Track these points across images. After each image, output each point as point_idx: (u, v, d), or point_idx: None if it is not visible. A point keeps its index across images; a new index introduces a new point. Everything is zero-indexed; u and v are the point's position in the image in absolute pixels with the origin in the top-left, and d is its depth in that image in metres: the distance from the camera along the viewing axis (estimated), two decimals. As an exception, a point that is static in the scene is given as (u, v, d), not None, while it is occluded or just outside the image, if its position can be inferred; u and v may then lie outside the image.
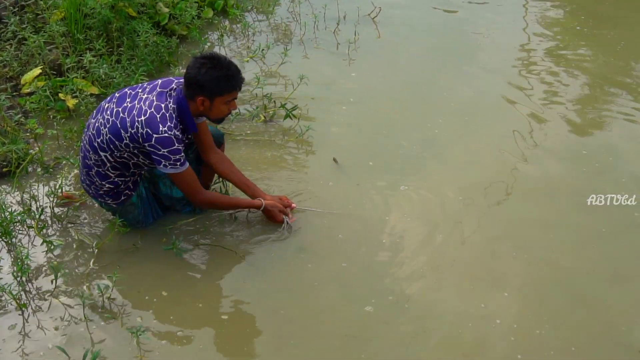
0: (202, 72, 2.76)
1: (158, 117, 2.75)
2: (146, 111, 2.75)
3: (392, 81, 4.68)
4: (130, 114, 2.77)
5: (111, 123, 2.81)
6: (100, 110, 2.90)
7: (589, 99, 4.52)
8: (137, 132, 2.75)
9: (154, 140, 2.74)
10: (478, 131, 4.11)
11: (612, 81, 4.73)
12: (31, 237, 3.18)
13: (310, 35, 5.23)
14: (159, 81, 2.89)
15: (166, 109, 2.77)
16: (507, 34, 5.43)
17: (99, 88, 4.12)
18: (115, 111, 2.82)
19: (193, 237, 3.21)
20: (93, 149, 2.89)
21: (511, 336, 2.76)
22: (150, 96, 2.80)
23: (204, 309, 2.87)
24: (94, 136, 2.87)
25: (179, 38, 4.85)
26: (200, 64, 2.77)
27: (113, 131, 2.80)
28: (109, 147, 2.84)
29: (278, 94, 4.34)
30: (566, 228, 3.35)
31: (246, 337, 2.77)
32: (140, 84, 2.92)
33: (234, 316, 2.85)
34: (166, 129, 2.74)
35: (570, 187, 3.64)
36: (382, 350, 2.69)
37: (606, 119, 4.30)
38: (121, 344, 2.67)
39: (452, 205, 3.47)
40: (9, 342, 2.66)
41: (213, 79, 2.76)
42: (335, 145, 3.91)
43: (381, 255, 3.17)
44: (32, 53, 4.21)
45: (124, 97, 2.86)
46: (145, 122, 2.74)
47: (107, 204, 3.05)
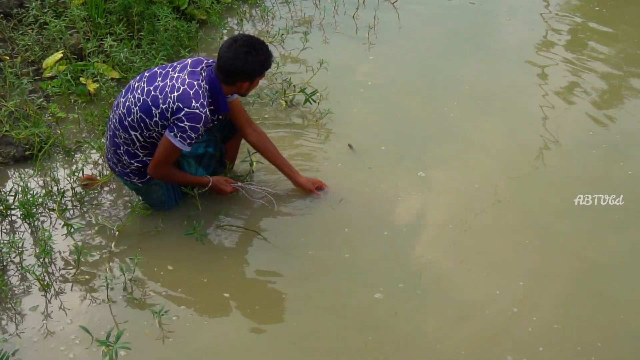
0: (249, 60, 2.79)
1: (191, 93, 2.76)
2: (179, 88, 2.76)
3: (410, 66, 4.65)
4: (163, 91, 2.78)
5: (142, 101, 2.82)
6: (130, 89, 2.91)
7: (608, 86, 4.44)
8: (168, 108, 2.76)
9: (183, 113, 2.74)
10: (494, 117, 4.07)
11: (633, 68, 4.65)
12: (52, 219, 3.21)
13: (330, 20, 5.19)
14: (188, 60, 2.90)
15: (199, 87, 2.79)
16: (525, 19, 5.36)
17: (119, 72, 4.13)
18: (147, 90, 2.82)
19: (216, 221, 3.22)
20: (123, 128, 2.90)
21: (529, 327, 2.72)
22: (182, 75, 2.81)
23: (226, 291, 2.88)
24: (124, 115, 2.88)
25: (199, 23, 4.84)
26: (244, 53, 2.78)
27: (144, 109, 2.81)
28: (139, 126, 2.85)
29: (297, 78, 4.32)
30: (586, 218, 3.29)
31: (277, 323, 2.78)
32: (170, 63, 2.93)
33: (257, 301, 2.86)
34: (198, 105, 2.75)
35: (586, 176, 3.58)
36: (393, 336, 2.69)
37: (628, 106, 4.22)
38: (143, 325, 2.69)
39: (467, 192, 3.43)
40: (31, 322, 2.69)
41: (258, 64, 2.83)
42: (353, 129, 3.91)
43: (392, 241, 3.15)
44: (53, 37, 4.23)
45: (154, 76, 2.86)
46: (177, 97, 2.75)
47: (133, 182, 3.06)
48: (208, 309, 2.80)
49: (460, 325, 2.74)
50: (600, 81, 4.47)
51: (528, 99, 4.26)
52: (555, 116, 4.08)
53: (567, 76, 4.53)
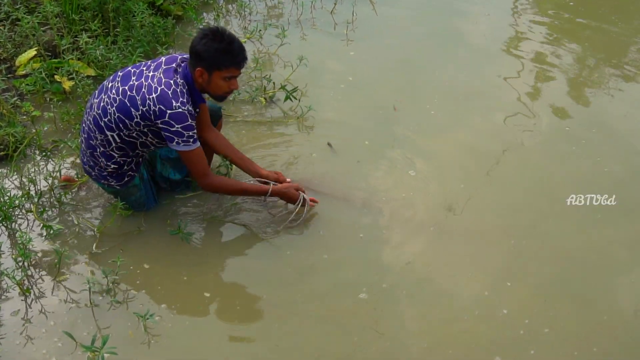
0: (202, 42, 2.70)
1: (170, 93, 2.70)
2: (156, 88, 2.70)
3: (390, 62, 4.65)
4: (140, 92, 2.72)
5: (119, 102, 2.76)
6: (104, 90, 2.84)
7: (583, 77, 4.52)
8: (149, 110, 2.71)
9: (168, 116, 2.69)
10: (476, 114, 4.09)
11: (609, 58, 4.74)
12: (30, 221, 3.14)
13: (307, 16, 5.16)
14: (162, 58, 2.84)
15: (176, 84, 2.73)
16: (503, 13, 5.40)
17: (95, 70, 4.05)
18: (122, 90, 2.76)
19: (199, 218, 3.20)
20: (99, 129, 2.84)
21: (520, 330, 2.73)
22: (157, 74, 2.75)
23: (207, 291, 2.86)
24: (99, 116, 2.82)
25: (175, 18, 4.77)
26: (203, 34, 2.72)
27: (122, 110, 2.75)
28: (117, 127, 2.80)
29: (277, 74, 4.28)
30: (571, 217, 3.32)
31: (259, 320, 2.76)
32: (144, 62, 2.87)
33: (245, 299, 2.84)
34: (179, 104, 2.70)
35: (571, 174, 3.62)
36: (380, 337, 2.68)
37: (600, 96, 4.32)
38: (127, 328, 2.65)
39: (451, 191, 3.44)
40: (12, 328, 2.63)
41: (211, 50, 2.70)
42: (334, 125, 3.90)
43: (377, 240, 3.14)
44: (26, 34, 4.13)
45: (128, 76, 2.80)
46: (157, 99, 2.69)
47: (110, 185, 3.01)
48: (189, 309, 2.78)
49: (448, 326, 2.74)
50: (577, 75, 4.54)
51: (508, 95, 4.30)
52: (536, 111, 4.12)
53: (546, 71, 4.59)
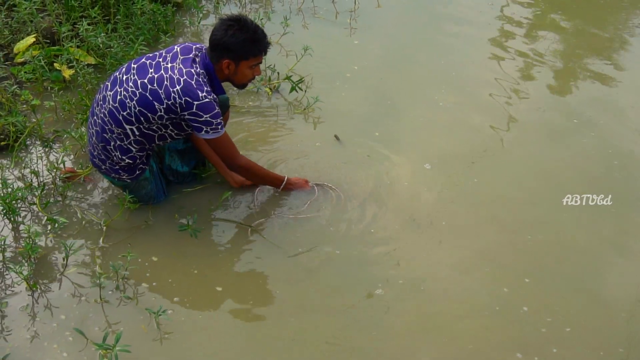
0: (229, 34, 2.68)
1: (193, 83, 2.65)
2: (179, 80, 2.65)
3: (395, 51, 4.60)
4: (162, 85, 2.65)
5: (139, 95, 2.68)
6: (119, 82, 2.76)
7: (583, 76, 4.51)
8: (174, 103, 2.65)
9: (195, 107, 2.65)
10: (484, 107, 4.05)
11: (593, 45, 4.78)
12: (34, 214, 3.06)
13: (309, 4, 5.09)
14: (176, 47, 2.78)
15: (197, 74, 2.68)
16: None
17: (95, 58, 3.96)
18: (140, 83, 2.69)
19: (207, 213, 3.13)
20: (116, 122, 2.76)
21: (542, 328, 2.68)
22: (176, 64, 2.69)
23: (223, 285, 2.80)
24: (116, 109, 2.74)
25: (175, 6, 4.68)
26: (227, 25, 2.69)
27: (144, 104, 2.68)
28: (137, 120, 2.73)
29: (281, 64, 4.22)
30: (578, 212, 3.30)
31: (274, 315, 2.71)
32: (157, 53, 2.80)
33: (258, 294, 2.79)
34: (205, 94, 2.66)
35: (571, 170, 3.60)
36: (394, 332, 2.64)
37: (587, 85, 4.35)
38: (138, 323, 2.59)
39: (466, 186, 3.39)
40: (22, 322, 2.57)
41: (240, 41, 2.69)
42: (342, 116, 3.85)
43: (390, 235, 3.10)
44: (23, 20, 4.02)
45: (144, 68, 2.73)
46: (182, 91, 2.64)
47: (121, 179, 2.93)
48: (202, 304, 2.72)
49: (468, 321, 2.70)
50: (576, 75, 4.52)
51: (516, 86, 4.26)
52: (545, 99, 4.12)
53: (551, 61, 4.58)
